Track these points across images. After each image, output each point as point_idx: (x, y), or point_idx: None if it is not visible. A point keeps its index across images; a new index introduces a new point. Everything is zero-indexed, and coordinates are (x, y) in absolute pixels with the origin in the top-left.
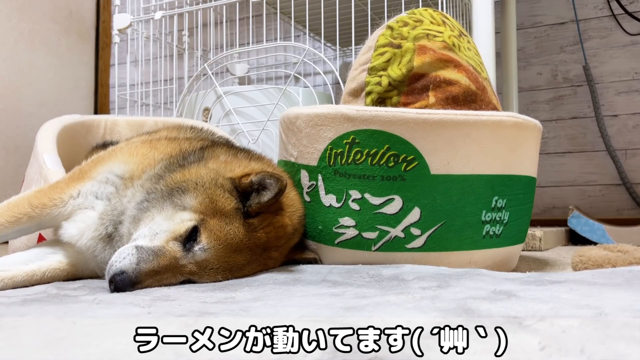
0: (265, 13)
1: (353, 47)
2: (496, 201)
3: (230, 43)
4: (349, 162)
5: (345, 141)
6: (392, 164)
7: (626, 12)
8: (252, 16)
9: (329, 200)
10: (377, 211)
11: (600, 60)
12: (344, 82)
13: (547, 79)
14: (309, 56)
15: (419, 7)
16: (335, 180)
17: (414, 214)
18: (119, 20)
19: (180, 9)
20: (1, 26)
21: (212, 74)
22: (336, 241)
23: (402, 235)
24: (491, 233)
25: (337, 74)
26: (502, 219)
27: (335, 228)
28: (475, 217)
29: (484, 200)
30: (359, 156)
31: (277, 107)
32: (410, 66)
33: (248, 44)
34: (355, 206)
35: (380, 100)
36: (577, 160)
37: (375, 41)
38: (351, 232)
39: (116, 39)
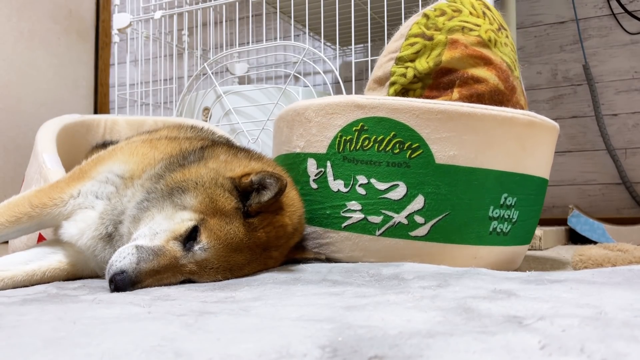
0: (265, 12)
1: (353, 46)
2: (505, 198)
3: (230, 42)
4: (357, 148)
5: (354, 128)
6: (398, 150)
7: (626, 11)
8: (252, 15)
9: (337, 185)
10: (382, 196)
11: (600, 59)
12: (344, 82)
13: (546, 78)
14: (308, 55)
15: (418, 6)
16: (343, 166)
17: (418, 202)
18: (119, 20)
19: (180, 8)
20: (1, 26)
21: (212, 73)
22: (343, 225)
23: (405, 221)
24: (498, 230)
25: (337, 73)
26: (511, 217)
27: (343, 212)
28: (482, 212)
29: (491, 195)
30: (366, 142)
31: (276, 107)
32: (438, 60)
33: (248, 43)
34: (361, 191)
35: (404, 91)
36: (577, 160)
37: (409, 29)
38: (357, 216)
39: (116, 38)
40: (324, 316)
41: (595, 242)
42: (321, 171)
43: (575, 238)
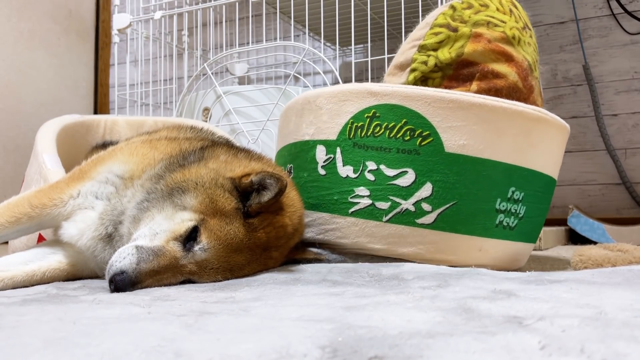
0: (265, 13)
1: (353, 46)
2: (513, 192)
3: (229, 43)
4: (368, 134)
5: (366, 115)
6: (408, 137)
7: (626, 11)
8: (252, 16)
9: (346, 171)
10: (391, 182)
11: (599, 60)
12: (344, 82)
13: (546, 78)
14: (308, 56)
15: (418, 7)
16: (353, 152)
17: (426, 189)
18: (119, 20)
19: (179, 8)
20: (1, 26)
21: (212, 73)
22: (350, 211)
23: (412, 208)
24: (504, 224)
25: (337, 73)
26: (517, 211)
27: (351, 198)
28: (489, 204)
29: (499, 188)
30: (378, 129)
31: (276, 107)
32: (461, 52)
33: (248, 43)
34: (370, 177)
35: (424, 79)
36: (577, 160)
37: (434, 18)
38: (365, 202)
39: (116, 38)
40: (324, 316)
41: (595, 242)
42: (330, 157)
43: (575, 238)
